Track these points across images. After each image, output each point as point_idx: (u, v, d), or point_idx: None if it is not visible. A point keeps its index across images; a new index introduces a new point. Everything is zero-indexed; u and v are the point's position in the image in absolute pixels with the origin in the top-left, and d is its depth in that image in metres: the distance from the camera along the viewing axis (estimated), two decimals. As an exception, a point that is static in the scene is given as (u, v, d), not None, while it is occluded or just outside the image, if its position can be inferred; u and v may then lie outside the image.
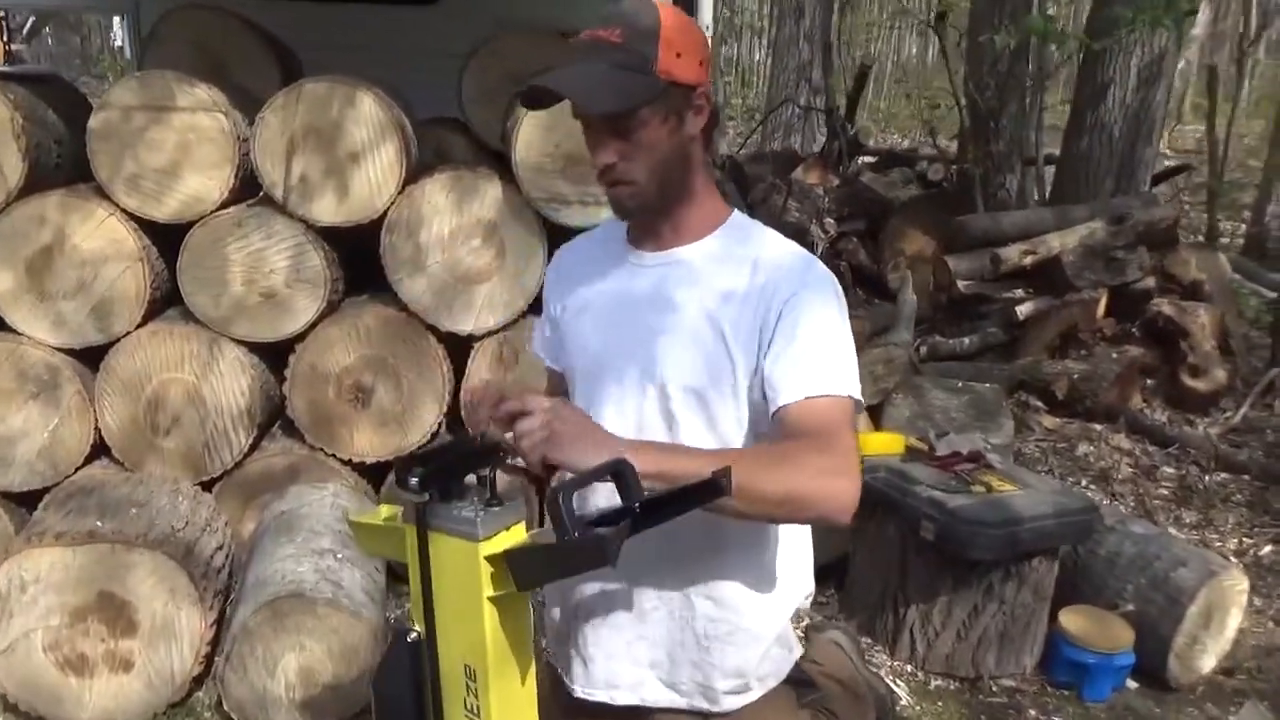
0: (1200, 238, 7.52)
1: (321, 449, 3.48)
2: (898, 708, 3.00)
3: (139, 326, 3.34)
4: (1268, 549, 4.14)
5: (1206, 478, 4.71)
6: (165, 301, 3.47)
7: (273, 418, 3.64)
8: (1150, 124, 6.34)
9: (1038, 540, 3.02)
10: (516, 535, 1.38)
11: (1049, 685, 3.22)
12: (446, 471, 1.36)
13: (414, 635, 1.42)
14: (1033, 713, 3.07)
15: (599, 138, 1.49)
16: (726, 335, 1.50)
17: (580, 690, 1.70)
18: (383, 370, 3.43)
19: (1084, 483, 4.66)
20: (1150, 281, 5.92)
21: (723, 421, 1.53)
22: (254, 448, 3.48)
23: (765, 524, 1.62)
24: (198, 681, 2.95)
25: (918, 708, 3.06)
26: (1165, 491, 4.63)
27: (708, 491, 1.41)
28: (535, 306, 3.46)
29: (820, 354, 1.43)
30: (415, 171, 3.40)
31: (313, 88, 3.24)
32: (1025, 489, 3.15)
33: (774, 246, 1.55)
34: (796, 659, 1.74)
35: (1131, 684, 3.27)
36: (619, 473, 1.32)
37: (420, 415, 3.47)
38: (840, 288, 1.53)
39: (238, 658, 2.73)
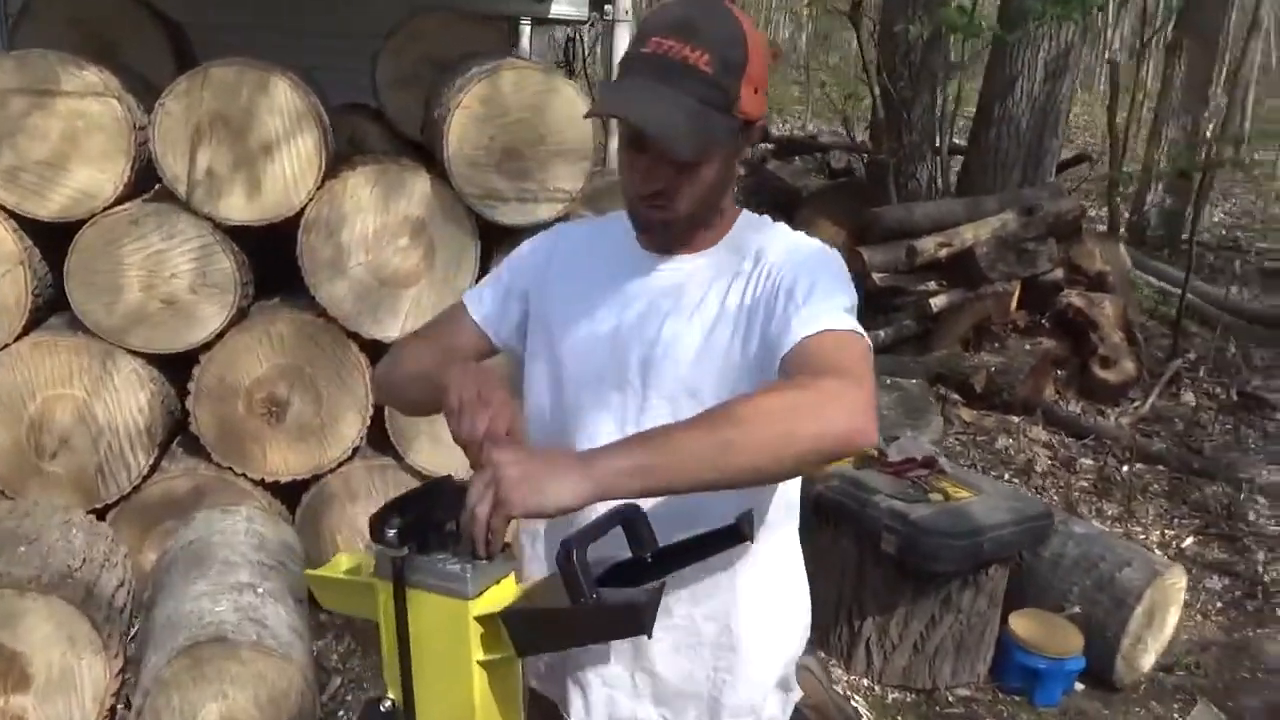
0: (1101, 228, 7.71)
1: (231, 468, 3.20)
2: (861, 727, 2.92)
3: (19, 338, 3.01)
4: (1189, 541, 4.22)
5: (1124, 469, 4.79)
6: (49, 309, 3.15)
7: (173, 435, 3.34)
8: (1056, 115, 6.45)
9: (999, 549, 2.98)
10: (507, 589, 1.21)
11: (1000, 691, 3.20)
12: (425, 520, 1.20)
13: (388, 704, 1.25)
14: (990, 723, 3.03)
15: (652, 163, 1.34)
16: (731, 335, 1.39)
17: None
18: (299, 381, 3.18)
19: (1007, 477, 4.68)
20: (1059, 273, 6.03)
21: None
22: (154, 469, 3.19)
23: (783, 524, 1.53)
24: (102, 737, 2.65)
25: None
26: (1085, 484, 4.70)
27: (729, 538, 1.30)
28: None
29: (820, 302, 1.30)
30: (335, 165, 3.13)
31: (220, 72, 2.95)
32: (980, 495, 3.11)
33: (779, 236, 1.46)
34: (795, 702, 1.62)
35: (1078, 685, 3.26)
36: (629, 519, 1.20)
37: (341, 429, 3.22)
38: (840, 258, 1.43)
39: (151, 712, 2.45)
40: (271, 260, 3.30)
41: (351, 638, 3.23)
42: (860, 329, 1.29)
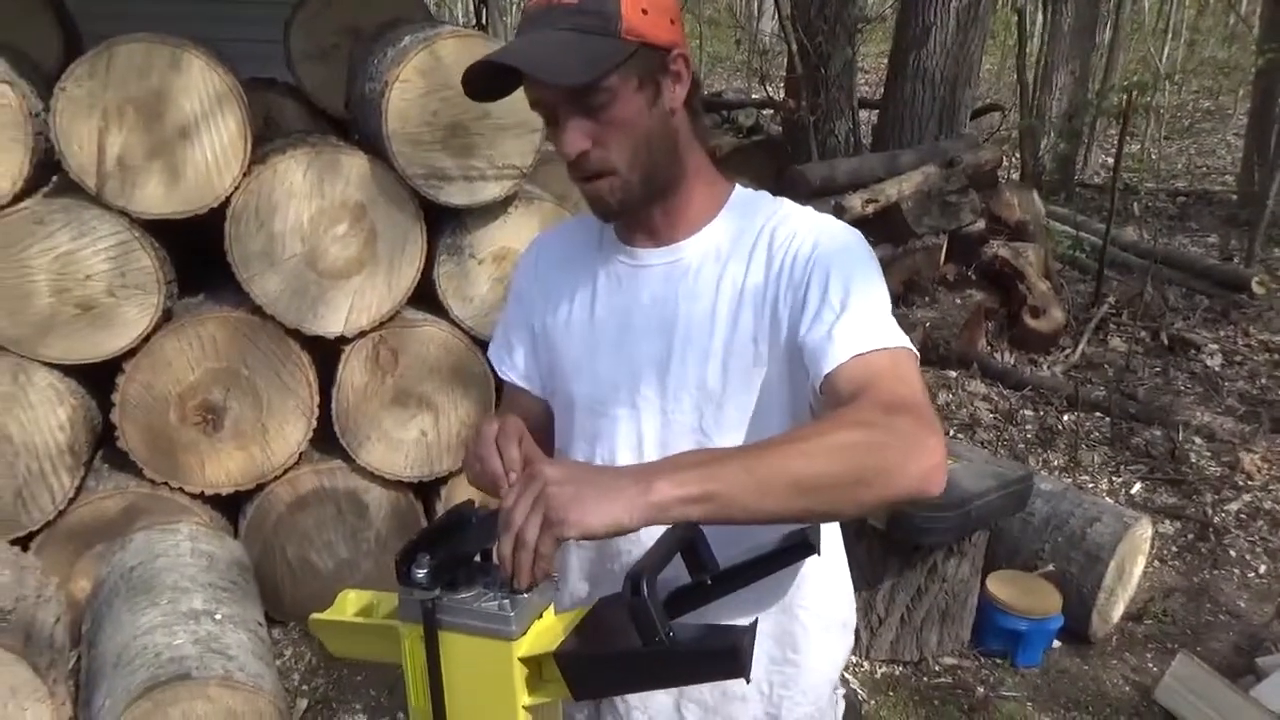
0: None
1: (166, 483, 2.97)
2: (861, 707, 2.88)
3: (-85, 355, 2.70)
4: (1138, 487, 4.30)
5: (1065, 418, 4.86)
6: (-54, 321, 2.81)
7: (96, 451, 3.08)
8: (969, 67, 6.46)
9: (985, 517, 2.96)
10: (551, 624, 1.11)
11: (983, 655, 3.20)
12: (451, 555, 1.09)
13: None
14: (980, 690, 3.03)
15: (566, 122, 1.22)
16: (753, 331, 1.28)
17: None
18: (235, 385, 2.95)
19: (952, 432, 4.70)
20: (981, 224, 6.07)
21: (766, 432, 1.29)
22: (79, 490, 2.92)
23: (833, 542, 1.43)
24: (52, 792, 2.43)
25: (872, 701, 2.95)
26: (1029, 435, 4.75)
27: (796, 553, 1.20)
28: (416, 298, 3.07)
29: (862, 308, 1.20)
30: (258, 148, 2.89)
31: (126, 49, 2.67)
32: (960, 461, 3.08)
33: (786, 215, 1.33)
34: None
35: (1055, 643, 3.28)
36: (690, 542, 1.11)
37: (285, 433, 3.02)
38: (868, 244, 1.32)
39: None
40: (188, 256, 3.06)
41: (313, 655, 3.06)
42: (907, 340, 1.20)
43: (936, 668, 3.11)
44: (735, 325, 1.28)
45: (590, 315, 1.38)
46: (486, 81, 1.21)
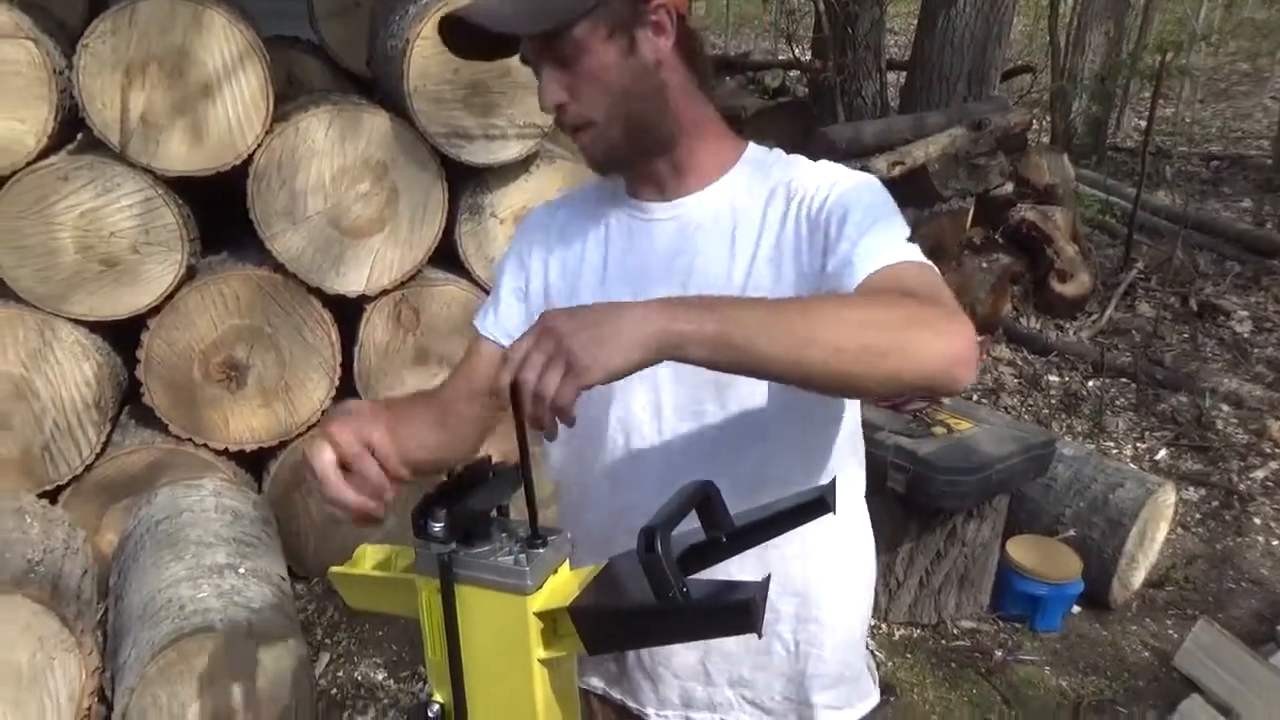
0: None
1: (190, 439, 3.00)
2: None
3: (-57, 311, 2.74)
4: (1163, 453, 4.27)
5: (1090, 384, 4.82)
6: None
7: (123, 407, 3.13)
8: (1000, 27, 6.34)
9: (1007, 481, 2.95)
10: (566, 579, 1.11)
11: (1002, 620, 3.19)
12: (473, 511, 1.09)
13: (436, 709, 1.14)
14: (999, 653, 3.03)
15: (543, 75, 1.22)
16: (770, 284, 1.26)
17: (654, 715, 1.47)
18: (258, 342, 2.98)
19: (975, 398, 4.67)
20: (1008, 187, 5.99)
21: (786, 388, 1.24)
22: (105, 445, 2.97)
23: (849, 465, 1.39)
24: (81, 739, 2.49)
25: (890, 664, 2.96)
26: (1054, 401, 4.71)
27: (811, 511, 1.19)
28: (436, 258, 3.07)
29: (882, 231, 1.18)
30: (281, 105, 2.89)
31: (149, 6, 2.67)
32: (981, 425, 3.06)
33: (801, 167, 1.31)
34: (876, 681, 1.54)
35: (1075, 608, 3.28)
36: (705, 498, 1.08)
37: (308, 390, 3.05)
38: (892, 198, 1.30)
39: (136, 712, 2.29)
40: (211, 214, 3.09)
41: (335, 610, 3.10)
42: (932, 264, 1.17)
43: (955, 631, 3.12)
44: (750, 277, 1.27)
45: (603, 269, 1.36)
46: (467, 34, 1.20)
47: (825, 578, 1.40)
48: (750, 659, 1.41)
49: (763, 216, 1.27)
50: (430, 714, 1.12)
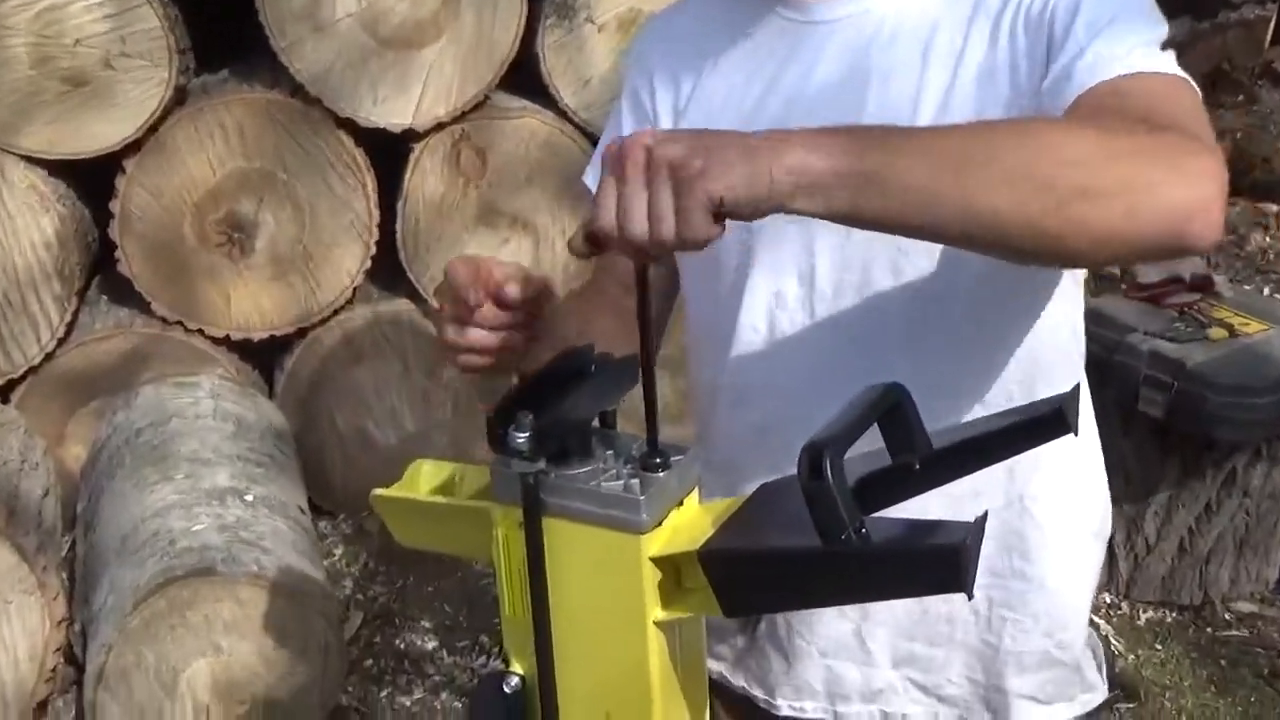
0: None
1: (180, 322, 3.11)
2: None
3: None
4: None
5: None
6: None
7: (93, 277, 3.26)
8: None
9: (1315, 406, 2.89)
10: (692, 512, 1.12)
11: (1295, 603, 3.18)
12: (568, 419, 1.10)
13: (515, 682, 1.17)
14: (1291, 652, 3.01)
15: None
16: (970, 108, 1.28)
17: (786, 706, 1.51)
18: (270, 193, 3.07)
19: (1267, 291, 4.60)
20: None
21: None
22: (71, 327, 3.11)
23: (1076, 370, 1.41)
24: (44, 708, 2.67)
25: (1131, 656, 2.96)
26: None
27: (1043, 431, 1.15)
28: (509, 81, 3.08)
29: (1121, 32, 1.18)
30: None
31: None
32: (1275, 327, 3.02)
33: None
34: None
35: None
36: (894, 407, 1.06)
37: (335, 259, 3.13)
38: None
39: (116, 675, 2.43)
40: (208, 21, 3.15)
41: (369, 557, 3.19)
42: (1188, 77, 1.16)
43: (1227, 616, 3.11)
44: (946, 111, 1.28)
45: (744, 95, 1.39)
46: None
47: (1037, 517, 1.41)
48: (926, 628, 1.44)
49: (965, 31, 1.29)
50: (507, 689, 1.14)
